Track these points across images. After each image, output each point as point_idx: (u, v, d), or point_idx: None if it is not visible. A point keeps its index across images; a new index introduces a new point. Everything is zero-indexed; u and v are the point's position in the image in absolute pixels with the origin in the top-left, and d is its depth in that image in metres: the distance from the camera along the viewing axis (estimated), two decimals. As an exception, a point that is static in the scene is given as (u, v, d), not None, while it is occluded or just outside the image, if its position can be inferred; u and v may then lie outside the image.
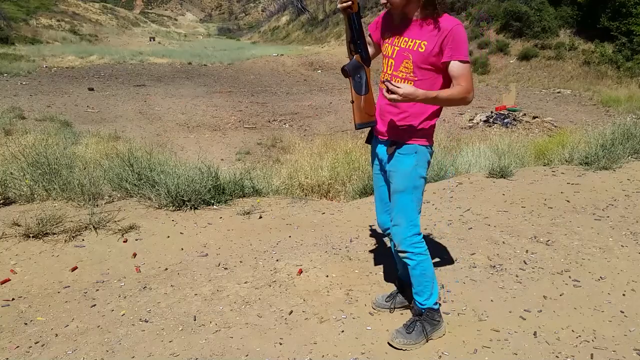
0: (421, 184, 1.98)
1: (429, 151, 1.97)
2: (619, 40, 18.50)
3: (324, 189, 5.10)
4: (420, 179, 1.96)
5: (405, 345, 2.02)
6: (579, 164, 4.99)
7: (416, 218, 1.99)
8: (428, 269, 2.02)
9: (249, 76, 21.48)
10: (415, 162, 1.93)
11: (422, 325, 2.05)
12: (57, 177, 3.86)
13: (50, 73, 19.51)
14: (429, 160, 1.99)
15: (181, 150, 8.66)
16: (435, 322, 2.07)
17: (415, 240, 1.99)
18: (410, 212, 1.97)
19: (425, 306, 2.06)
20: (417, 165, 1.93)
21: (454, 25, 1.78)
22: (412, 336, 2.03)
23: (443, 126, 11.52)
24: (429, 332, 2.06)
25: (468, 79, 1.82)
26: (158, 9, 78.95)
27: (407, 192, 1.95)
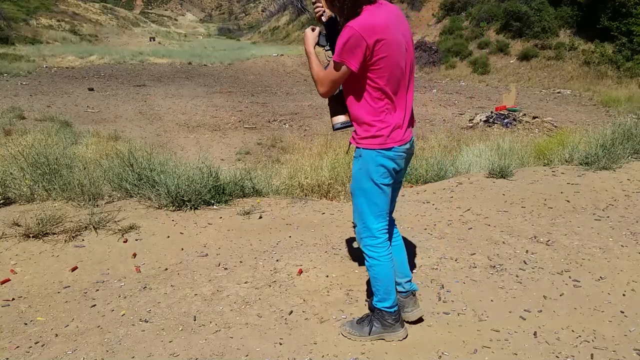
0: (370, 188, 1.94)
1: (381, 154, 1.89)
2: (619, 40, 18.50)
3: (324, 189, 5.10)
4: (368, 182, 1.93)
5: (348, 334, 2.12)
6: (579, 164, 4.99)
7: (369, 221, 1.99)
8: (380, 274, 2.02)
9: (249, 76, 21.48)
10: (359, 165, 1.94)
11: (370, 321, 2.10)
12: (57, 177, 3.85)
13: (50, 73, 19.52)
14: (383, 164, 1.90)
15: (181, 151, 8.66)
16: (386, 324, 2.08)
17: (369, 243, 2.02)
18: (362, 215, 2.01)
19: (376, 306, 2.09)
20: (361, 169, 1.94)
21: (345, 26, 1.78)
22: (356, 328, 2.12)
23: (443, 126, 11.52)
24: (378, 330, 2.08)
25: (329, 74, 1.84)
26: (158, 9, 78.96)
27: (356, 194, 2.01)
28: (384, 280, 2.03)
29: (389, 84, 1.85)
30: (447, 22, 25.96)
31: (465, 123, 12.12)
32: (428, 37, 25.47)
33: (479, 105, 14.40)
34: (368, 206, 1.98)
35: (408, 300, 2.21)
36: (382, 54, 1.78)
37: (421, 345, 2.07)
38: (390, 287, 2.04)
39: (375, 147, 1.89)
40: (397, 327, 2.08)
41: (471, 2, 25.76)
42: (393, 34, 1.80)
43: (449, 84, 20.06)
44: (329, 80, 1.86)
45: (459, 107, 14.37)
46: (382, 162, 1.90)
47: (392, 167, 1.92)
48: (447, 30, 25.17)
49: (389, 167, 1.92)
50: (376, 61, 1.79)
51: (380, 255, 2.01)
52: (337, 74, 1.83)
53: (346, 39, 1.76)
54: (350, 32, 1.75)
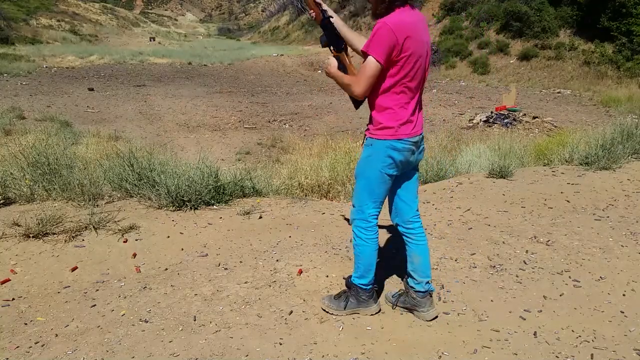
0: (374, 176, 2.06)
1: (390, 146, 2.01)
2: (619, 41, 18.49)
3: (324, 189, 5.10)
4: (373, 170, 2.06)
5: (327, 307, 2.29)
6: (579, 164, 4.99)
7: (365, 206, 2.13)
8: (364, 253, 2.18)
9: (249, 76, 21.48)
10: (369, 152, 2.07)
11: (346, 297, 2.27)
12: (57, 177, 3.85)
13: (50, 73, 19.52)
14: (391, 155, 2.02)
15: (181, 151, 8.66)
16: (361, 300, 2.25)
17: (360, 225, 2.17)
18: (360, 199, 2.14)
19: (354, 282, 2.25)
20: (370, 157, 2.06)
21: (380, 22, 1.90)
22: (334, 303, 2.29)
23: (443, 126, 11.52)
24: (353, 305, 2.26)
25: (362, 74, 1.93)
26: (158, 9, 78.96)
27: (359, 178, 2.13)
28: (366, 259, 2.19)
29: (412, 81, 1.98)
30: (447, 22, 25.96)
31: (465, 123, 12.12)
32: (428, 37, 25.44)
33: (479, 105, 14.40)
34: (368, 192, 2.11)
35: (425, 300, 2.25)
36: (409, 52, 1.90)
37: (421, 345, 2.07)
38: (370, 267, 2.21)
39: (387, 138, 2.01)
40: (370, 303, 2.26)
41: (471, 2, 25.76)
42: (419, 35, 1.94)
43: (449, 84, 20.06)
44: (364, 77, 1.92)
45: (459, 107, 14.37)
46: (390, 153, 2.02)
47: (399, 160, 2.04)
48: (447, 30, 25.17)
49: (396, 159, 2.04)
50: (403, 57, 1.90)
51: (367, 238, 2.17)
52: (368, 70, 1.91)
53: (378, 33, 1.87)
54: (383, 27, 1.86)
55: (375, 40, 1.87)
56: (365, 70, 1.91)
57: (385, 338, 2.12)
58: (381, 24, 1.87)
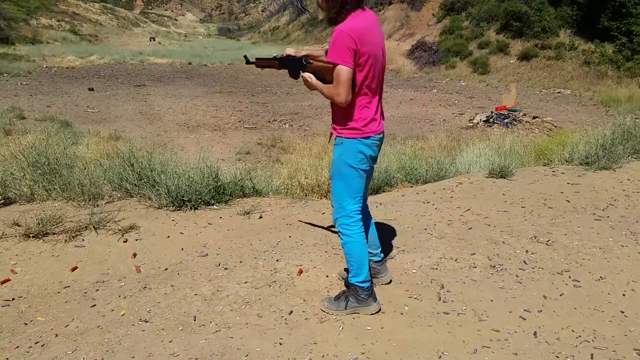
0: (348, 173, 2.16)
1: (361, 142, 2.11)
2: (619, 40, 18.49)
3: (324, 189, 5.10)
4: (347, 167, 2.15)
5: (326, 309, 2.31)
6: (579, 164, 4.99)
7: (345, 202, 2.21)
8: (353, 250, 2.24)
9: (249, 76, 21.48)
10: (340, 152, 2.15)
11: (346, 297, 2.30)
12: (57, 177, 3.85)
13: (50, 73, 19.52)
14: (362, 150, 2.12)
15: (181, 151, 8.66)
16: (360, 299, 2.27)
17: (344, 222, 2.24)
18: (340, 197, 2.22)
19: (351, 281, 2.29)
20: (342, 155, 2.15)
21: (336, 30, 1.96)
22: (333, 304, 2.31)
23: (443, 126, 11.52)
24: (353, 305, 2.28)
25: (338, 83, 1.98)
26: (158, 9, 78.95)
27: (335, 178, 2.22)
28: (357, 256, 2.24)
29: (372, 82, 2.08)
30: (447, 22, 25.95)
31: (465, 123, 12.12)
32: (428, 37, 25.46)
33: (479, 105, 14.40)
34: (346, 189, 2.20)
35: (383, 267, 2.55)
36: (367, 55, 1.99)
37: (421, 345, 2.07)
38: (362, 263, 2.25)
39: (356, 136, 2.11)
40: (370, 302, 2.29)
41: (471, 2, 25.76)
42: (374, 37, 2.04)
43: (449, 84, 20.06)
44: (340, 85, 1.98)
45: (459, 107, 14.37)
46: (361, 149, 2.13)
47: (369, 154, 2.16)
48: (447, 30, 25.17)
49: (367, 154, 2.15)
50: (362, 60, 1.99)
51: (353, 233, 2.23)
52: (343, 77, 1.97)
53: (337, 40, 1.95)
54: (340, 34, 1.95)
55: (337, 47, 1.95)
56: (340, 79, 1.97)
57: (385, 338, 2.12)
58: (338, 31, 1.95)
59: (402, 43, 26.63)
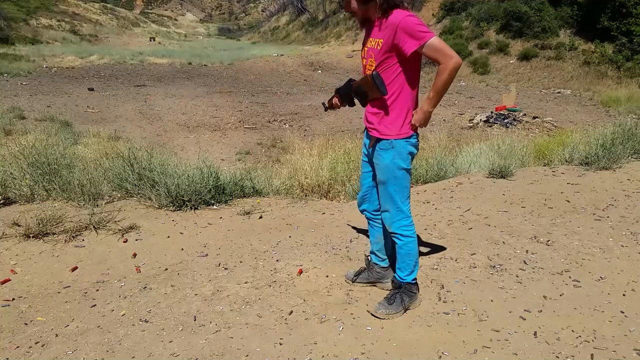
0: (402, 175, 2.14)
1: (409, 142, 2.10)
2: (619, 41, 18.50)
3: (324, 189, 5.10)
4: (400, 170, 2.13)
5: (387, 315, 2.23)
6: (579, 164, 4.99)
7: (402, 204, 2.20)
8: (413, 249, 2.24)
9: (249, 76, 21.48)
10: (392, 156, 2.11)
11: (401, 297, 2.27)
12: (57, 177, 3.86)
13: (50, 73, 19.52)
14: (410, 150, 2.12)
15: (181, 151, 8.66)
16: (412, 294, 2.29)
17: (403, 224, 2.22)
18: (396, 200, 2.18)
19: (405, 281, 2.28)
20: (394, 159, 2.11)
21: (401, 18, 1.89)
22: (392, 307, 2.25)
23: (443, 126, 11.52)
24: (407, 302, 2.28)
25: (442, 51, 1.87)
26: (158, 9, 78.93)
27: (389, 183, 2.16)
28: (415, 255, 2.26)
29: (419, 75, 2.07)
30: (447, 22, 25.95)
31: (465, 123, 12.12)
32: (428, 37, 25.43)
33: (479, 105, 14.40)
34: (400, 191, 2.17)
35: (387, 273, 2.51)
36: None
37: (421, 345, 2.07)
38: (417, 260, 2.28)
39: (404, 136, 2.09)
40: (417, 294, 2.33)
41: (471, 2, 25.76)
42: None
43: (449, 84, 20.02)
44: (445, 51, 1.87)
45: (459, 107, 14.37)
46: (410, 150, 2.12)
47: (415, 153, 2.16)
48: (447, 30, 25.16)
49: (414, 153, 2.15)
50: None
51: (413, 232, 2.24)
52: (438, 42, 1.87)
53: (410, 22, 1.87)
54: (408, 16, 1.89)
55: (416, 28, 1.86)
56: (437, 47, 1.86)
57: (385, 338, 2.11)
58: (402, 17, 1.88)
59: (402, 43, 26.58)
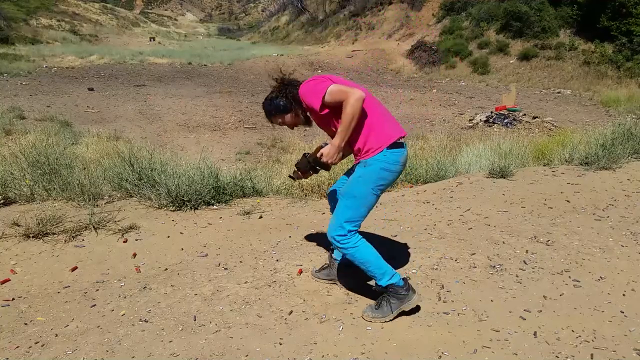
0: (361, 196, 2.12)
1: (382, 159, 2.10)
2: (619, 40, 18.51)
3: (324, 189, 5.10)
4: (361, 190, 2.11)
5: (373, 319, 2.21)
6: (579, 164, 4.99)
7: (346, 224, 2.13)
8: (363, 257, 2.17)
9: (249, 76, 21.48)
10: (360, 172, 2.14)
11: (387, 300, 2.20)
12: (57, 177, 3.86)
13: (50, 73, 19.51)
14: (385, 167, 2.10)
15: (181, 150, 8.65)
16: (401, 296, 2.19)
17: (338, 238, 2.16)
18: (343, 216, 2.14)
19: (382, 285, 2.20)
20: (361, 176, 2.13)
21: (301, 91, 2.13)
22: (378, 311, 2.21)
23: (443, 126, 11.52)
24: (396, 306, 2.19)
25: (339, 93, 2.01)
26: (158, 9, 78.91)
27: (346, 196, 2.16)
28: (370, 260, 2.17)
29: None
30: (447, 22, 25.96)
31: (465, 123, 12.12)
32: (428, 37, 25.47)
33: (479, 105, 14.40)
34: (351, 211, 2.16)
35: None
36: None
37: (421, 345, 2.07)
38: (379, 262, 2.19)
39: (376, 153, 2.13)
40: (410, 295, 2.21)
41: (471, 2, 25.76)
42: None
43: (449, 84, 20.06)
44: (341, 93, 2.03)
45: (459, 107, 14.37)
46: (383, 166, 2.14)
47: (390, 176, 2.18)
48: (447, 30, 25.17)
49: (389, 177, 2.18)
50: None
51: (351, 245, 2.15)
52: (332, 88, 2.07)
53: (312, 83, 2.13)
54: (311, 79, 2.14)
55: (312, 88, 2.09)
56: (335, 87, 2.03)
57: (385, 338, 2.11)
58: (301, 87, 2.16)
59: (402, 43, 26.63)
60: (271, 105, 2.26)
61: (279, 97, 2.22)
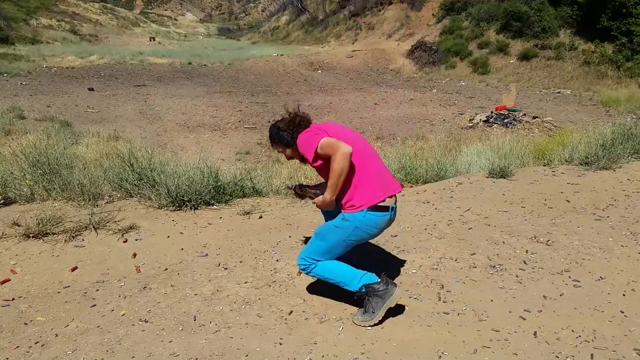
0: (331, 242, 2.19)
1: (360, 218, 2.14)
2: (619, 40, 18.51)
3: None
4: (334, 239, 2.19)
5: (361, 322, 2.21)
6: (579, 164, 4.99)
7: (310, 257, 2.23)
8: (325, 272, 2.23)
9: (249, 76, 21.48)
10: (338, 223, 2.20)
11: (369, 302, 2.20)
12: (57, 177, 3.86)
13: (50, 73, 19.52)
14: (360, 227, 2.15)
15: (181, 150, 8.65)
16: (380, 292, 2.18)
17: (302, 267, 2.28)
18: (308, 249, 2.25)
19: (356, 290, 2.21)
20: (337, 227, 2.19)
21: (298, 142, 2.18)
22: (367, 315, 2.21)
23: (443, 126, 11.53)
24: (379, 305, 2.18)
25: (329, 146, 2.06)
26: (158, 9, 78.90)
27: (317, 235, 2.25)
28: (335, 273, 2.22)
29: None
30: (447, 22, 25.96)
31: (465, 123, 12.12)
32: (428, 37, 25.47)
33: (479, 105, 14.40)
34: (318, 249, 2.24)
35: None
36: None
37: (421, 345, 2.07)
38: (342, 271, 2.23)
39: (357, 210, 2.19)
40: (391, 289, 2.19)
41: (471, 2, 25.77)
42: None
43: (449, 83, 20.06)
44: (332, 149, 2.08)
45: (459, 107, 14.37)
46: (357, 225, 2.20)
47: (365, 236, 2.25)
48: (447, 30, 25.18)
49: (363, 236, 2.25)
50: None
51: (311, 269, 2.25)
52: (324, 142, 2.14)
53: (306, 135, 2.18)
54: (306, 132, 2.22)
55: (307, 141, 2.13)
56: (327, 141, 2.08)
57: (385, 338, 2.11)
58: (299, 139, 2.19)
59: (402, 43, 26.64)
60: (277, 135, 2.31)
61: (286, 132, 2.26)
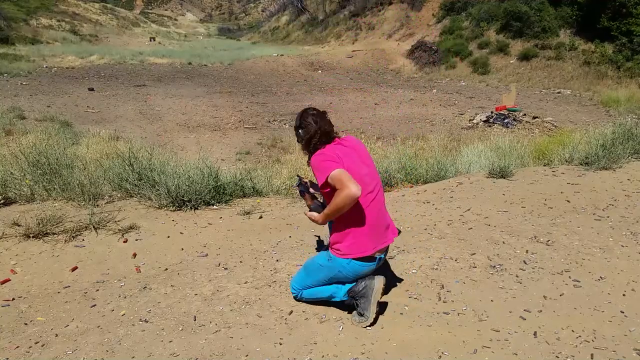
0: (314, 276, 2.29)
1: (344, 264, 2.18)
2: (619, 41, 18.50)
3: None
4: (317, 275, 2.28)
5: (358, 324, 2.24)
6: (579, 164, 4.99)
7: (297, 287, 2.37)
8: (312, 296, 2.34)
9: (249, 76, 21.49)
10: (323, 262, 2.26)
11: (359, 305, 2.24)
12: (57, 177, 3.86)
13: (50, 73, 19.52)
14: (342, 272, 2.20)
15: (181, 150, 8.65)
16: (362, 290, 2.22)
17: (293, 294, 2.41)
18: (297, 280, 2.38)
19: (346, 299, 2.27)
20: (322, 266, 2.26)
21: (312, 160, 2.17)
22: (363, 316, 2.23)
23: (443, 126, 11.53)
24: (366, 304, 2.21)
25: (340, 181, 2.03)
26: (158, 9, 78.90)
27: (305, 269, 2.36)
28: (321, 291, 2.31)
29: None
30: (447, 22, 25.96)
31: (465, 123, 12.12)
32: (428, 37, 25.47)
33: (479, 105, 14.40)
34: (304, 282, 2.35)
35: None
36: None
37: (421, 345, 2.07)
38: (323, 290, 2.31)
39: (343, 256, 2.22)
40: (370, 283, 2.22)
41: (471, 2, 25.77)
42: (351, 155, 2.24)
43: (449, 84, 20.06)
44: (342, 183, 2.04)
45: (459, 107, 14.37)
46: (340, 270, 2.25)
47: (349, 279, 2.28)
48: (447, 30, 25.18)
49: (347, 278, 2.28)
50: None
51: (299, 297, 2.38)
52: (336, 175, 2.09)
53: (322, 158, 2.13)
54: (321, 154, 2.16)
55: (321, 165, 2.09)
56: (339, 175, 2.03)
57: (385, 338, 2.11)
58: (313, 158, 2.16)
59: (402, 43, 26.64)
60: (301, 128, 2.28)
61: (309, 135, 2.22)
